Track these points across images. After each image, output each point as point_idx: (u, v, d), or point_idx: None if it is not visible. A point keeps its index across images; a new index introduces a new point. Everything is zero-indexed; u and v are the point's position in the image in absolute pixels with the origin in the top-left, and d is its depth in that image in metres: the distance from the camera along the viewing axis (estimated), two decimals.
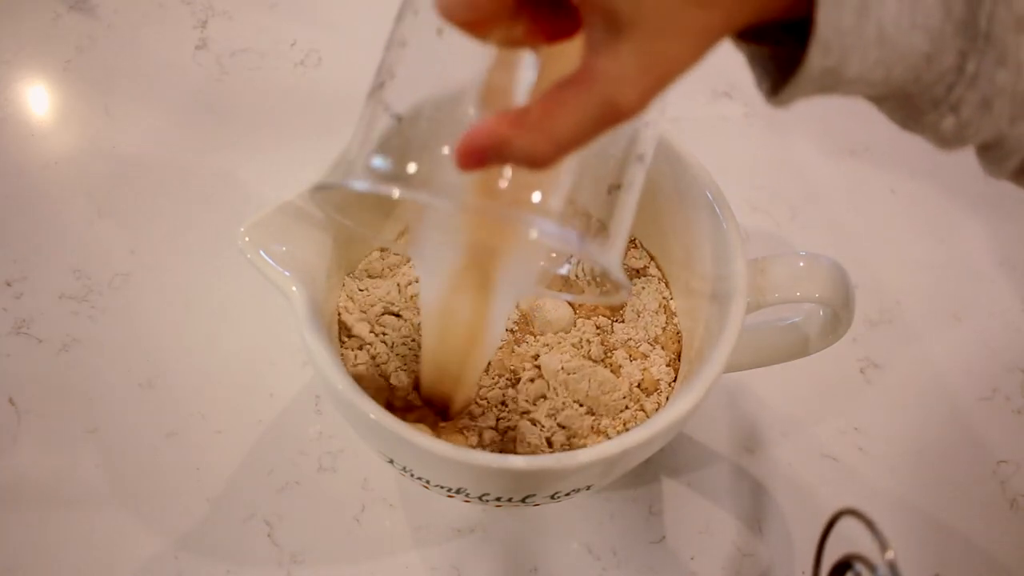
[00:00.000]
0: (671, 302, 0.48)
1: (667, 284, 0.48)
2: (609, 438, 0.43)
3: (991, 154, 0.29)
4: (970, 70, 0.26)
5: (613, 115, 0.24)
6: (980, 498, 0.51)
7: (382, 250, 0.48)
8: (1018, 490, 0.52)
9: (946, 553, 0.50)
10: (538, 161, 0.25)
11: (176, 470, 0.49)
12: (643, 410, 0.44)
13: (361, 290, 0.46)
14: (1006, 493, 0.52)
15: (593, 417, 0.44)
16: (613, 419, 0.44)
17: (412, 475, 0.40)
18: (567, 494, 0.39)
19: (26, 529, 0.47)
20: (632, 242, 0.50)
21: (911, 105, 0.28)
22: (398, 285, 0.46)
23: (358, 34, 0.68)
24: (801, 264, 0.42)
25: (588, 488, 0.40)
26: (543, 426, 0.43)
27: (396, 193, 0.29)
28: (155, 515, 0.48)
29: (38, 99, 0.63)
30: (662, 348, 0.46)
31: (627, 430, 0.43)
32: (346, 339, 0.45)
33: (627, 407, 0.44)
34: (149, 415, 0.51)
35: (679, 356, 0.46)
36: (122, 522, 0.47)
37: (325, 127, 0.62)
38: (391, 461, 0.40)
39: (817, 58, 0.25)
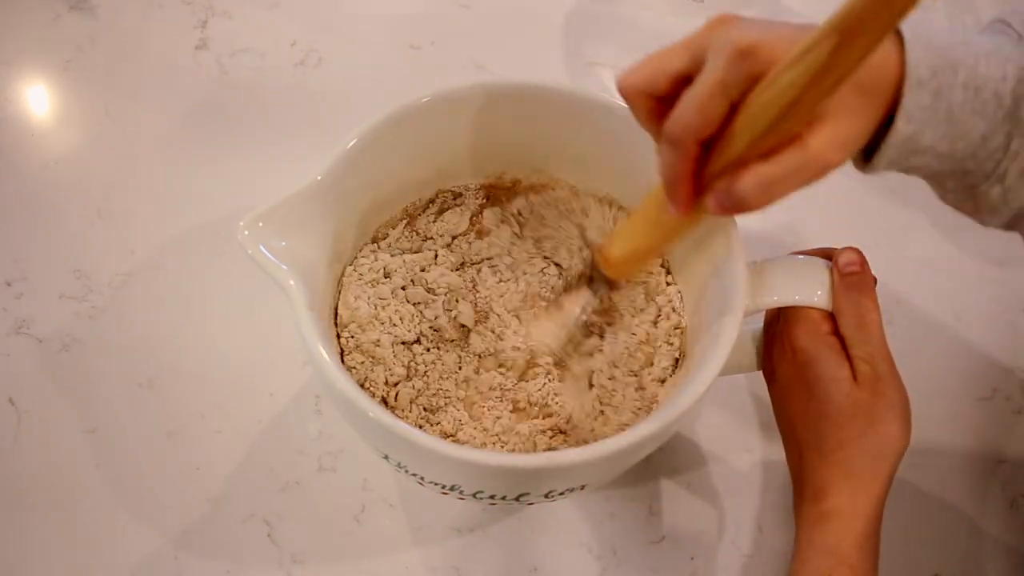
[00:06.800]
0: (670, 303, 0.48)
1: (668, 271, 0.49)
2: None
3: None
4: (1014, 147, 0.34)
5: (815, 168, 0.32)
6: (980, 498, 0.51)
7: (376, 241, 0.48)
8: (1018, 490, 0.52)
9: (946, 553, 0.50)
10: (752, 202, 0.32)
11: (176, 470, 0.49)
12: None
13: (359, 292, 0.46)
14: (1006, 493, 0.52)
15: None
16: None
17: (406, 471, 0.40)
18: (561, 493, 0.39)
19: (26, 529, 0.47)
20: None
21: (968, 178, 0.36)
22: (393, 289, 0.46)
23: (358, 34, 0.68)
24: (799, 267, 0.42)
25: (583, 488, 0.40)
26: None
27: None
28: (155, 515, 0.48)
29: (38, 99, 0.63)
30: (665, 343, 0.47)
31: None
32: (345, 337, 0.45)
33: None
34: (149, 415, 0.51)
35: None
36: (122, 522, 0.47)
37: (325, 127, 0.62)
38: (386, 457, 0.40)
39: (901, 124, 0.33)
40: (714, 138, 0.33)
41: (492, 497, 0.39)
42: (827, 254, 0.43)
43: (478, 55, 0.67)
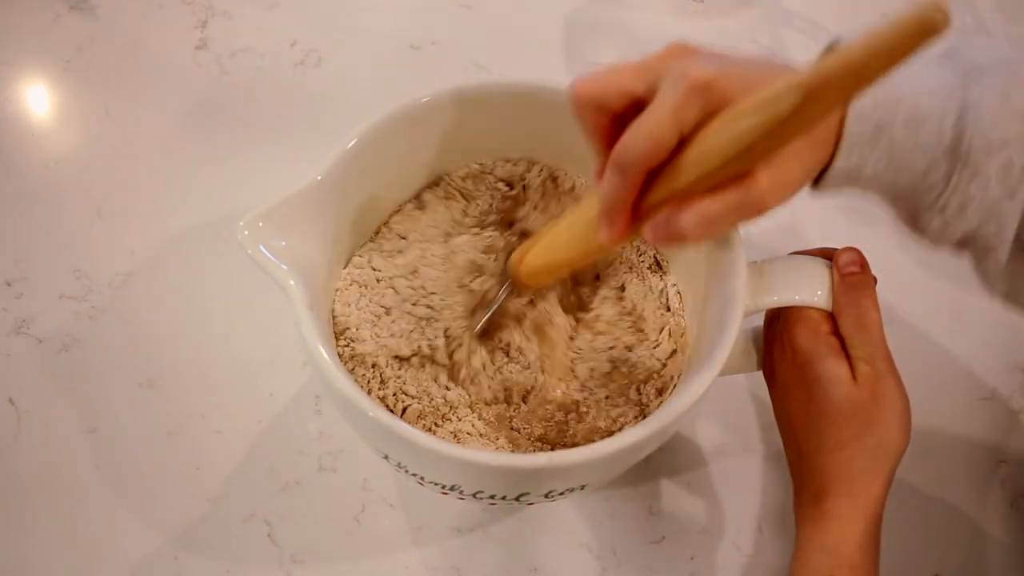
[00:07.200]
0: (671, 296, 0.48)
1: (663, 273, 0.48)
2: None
3: (972, 249, 0.38)
4: (953, 182, 0.35)
5: (756, 209, 0.32)
6: (980, 498, 0.51)
7: (373, 240, 0.48)
8: (1018, 490, 0.52)
9: (946, 553, 0.50)
10: (690, 236, 0.32)
11: (176, 470, 0.49)
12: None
13: (351, 298, 0.46)
14: (1006, 493, 0.52)
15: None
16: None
17: (406, 471, 0.40)
18: (561, 493, 0.39)
19: (26, 529, 0.47)
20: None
21: (912, 206, 0.37)
22: (387, 298, 0.46)
23: (358, 34, 0.68)
24: (799, 267, 0.42)
25: (583, 488, 0.40)
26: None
27: None
28: (155, 515, 0.48)
29: (38, 99, 0.63)
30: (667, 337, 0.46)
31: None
32: (341, 346, 0.45)
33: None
34: (149, 415, 0.51)
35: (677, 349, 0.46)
36: (122, 522, 0.47)
37: (325, 127, 0.62)
38: (386, 457, 0.40)
39: (842, 158, 0.35)
40: (657, 169, 0.33)
41: (492, 497, 0.39)
42: (827, 254, 0.43)
43: (478, 55, 0.67)
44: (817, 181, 0.37)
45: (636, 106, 0.33)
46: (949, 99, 0.34)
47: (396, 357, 0.44)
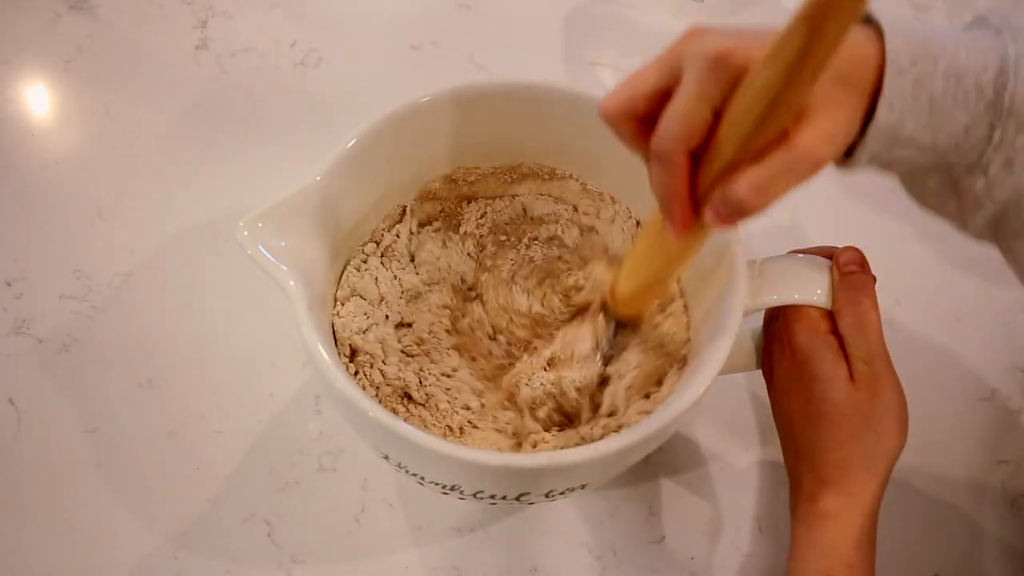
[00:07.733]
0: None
1: None
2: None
3: (1007, 225, 0.36)
4: (996, 137, 0.33)
5: (807, 164, 0.31)
6: (980, 498, 0.51)
7: (373, 242, 0.48)
8: (1018, 490, 0.52)
9: (946, 553, 0.50)
10: (748, 206, 0.31)
11: (176, 470, 0.49)
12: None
13: (354, 309, 0.46)
14: (1006, 493, 0.52)
15: None
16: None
17: (407, 471, 0.40)
18: (562, 492, 0.39)
19: (26, 529, 0.47)
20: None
21: (951, 172, 0.35)
22: (388, 316, 0.46)
23: (358, 34, 0.68)
24: (799, 266, 0.42)
25: (583, 487, 0.40)
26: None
27: None
28: (155, 515, 0.48)
29: (38, 99, 0.63)
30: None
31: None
32: (351, 359, 0.44)
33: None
34: (149, 415, 0.51)
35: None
36: (122, 522, 0.47)
37: (325, 127, 0.62)
38: (386, 457, 0.40)
39: (883, 112, 0.33)
40: (702, 151, 0.32)
41: (493, 497, 0.39)
42: (827, 253, 0.43)
43: (478, 55, 0.67)
44: (852, 153, 0.35)
45: (666, 102, 0.33)
46: (988, 53, 0.33)
47: (403, 391, 0.44)
